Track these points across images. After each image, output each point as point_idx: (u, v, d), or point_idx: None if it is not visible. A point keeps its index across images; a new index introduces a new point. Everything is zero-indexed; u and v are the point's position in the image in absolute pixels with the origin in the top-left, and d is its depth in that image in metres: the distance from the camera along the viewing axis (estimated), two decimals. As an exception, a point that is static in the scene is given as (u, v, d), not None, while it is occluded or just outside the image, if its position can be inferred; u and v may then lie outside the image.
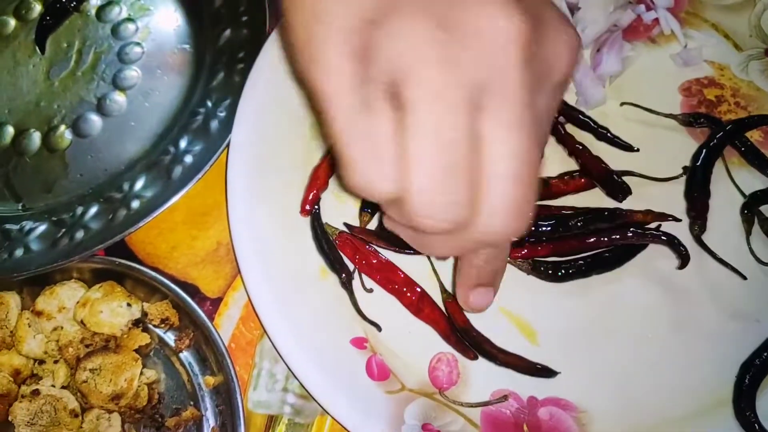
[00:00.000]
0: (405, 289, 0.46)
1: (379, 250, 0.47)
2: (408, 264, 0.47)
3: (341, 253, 0.47)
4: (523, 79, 0.29)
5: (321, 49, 0.32)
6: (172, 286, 0.47)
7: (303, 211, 0.48)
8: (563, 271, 0.46)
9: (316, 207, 0.48)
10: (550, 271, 0.46)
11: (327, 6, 0.32)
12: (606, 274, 0.46)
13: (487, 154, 0.29)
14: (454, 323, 0.45)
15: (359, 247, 0.47)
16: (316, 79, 0.32)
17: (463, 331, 0.44)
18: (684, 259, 0.45)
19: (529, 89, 0.30)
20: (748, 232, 0.46)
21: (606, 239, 0.45)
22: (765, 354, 0.43)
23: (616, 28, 0.50)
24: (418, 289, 0.46)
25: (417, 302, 0.46)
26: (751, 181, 0.48)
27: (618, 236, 0.45)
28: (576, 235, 0.46)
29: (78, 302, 0.47)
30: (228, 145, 0.50)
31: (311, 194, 0.48)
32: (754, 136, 0.49)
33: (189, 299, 0.46)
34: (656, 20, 0.51)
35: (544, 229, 0.46)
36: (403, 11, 0.29)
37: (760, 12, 0.51)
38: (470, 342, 0.44)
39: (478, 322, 0.45)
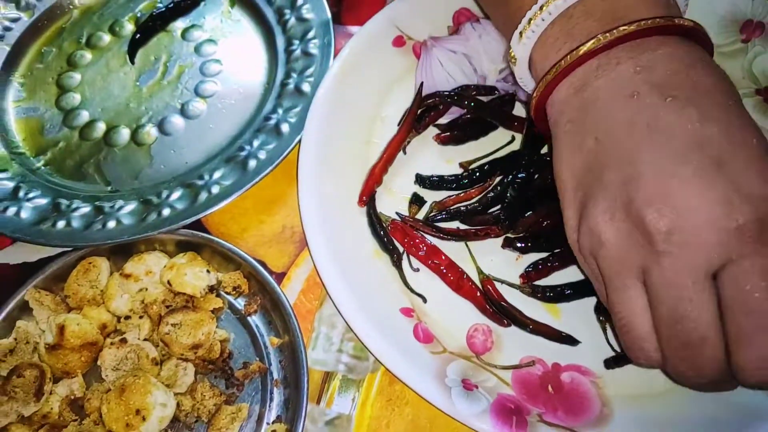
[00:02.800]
0: (447, 270, 0.53)
1: (426, 236, 0.55)
2: (450, 248, 0.54)
3: (392, 237, 0.55)
4: (754, 257, 0.34)
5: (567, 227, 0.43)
6: (246, 256, 0.54)
7: (360, 202, 0.56)
8: (557, 294, 0.52)
9: (372, 198, 0.56)
10: (549, 294, 0.52)
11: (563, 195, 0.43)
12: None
13: (730, 317, 0.35)
14: (489, 298, 0.52)
15: (408, 233, 0.55)
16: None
17: (498, 304, 0.52)
18: None
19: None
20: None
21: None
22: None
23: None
24: (459, 270, 0.53)
25: (457, 281, 0.53)
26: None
27: None
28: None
29: (165, 266, 0.54)
30: (297, 144, 0.58)
31: (367, 188, 0.57)
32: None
33: (261, 268, 0.54)
34: (663, 62, 0.61)
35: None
36: (601, 201, 0.39)
37: (751, 59, 0.61)
38: (504, 313, 0.51)
39: (510, 299, 0.52)
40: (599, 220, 0.39)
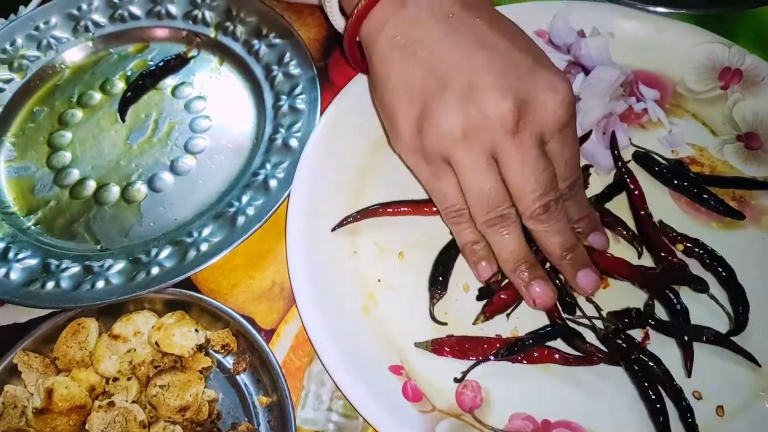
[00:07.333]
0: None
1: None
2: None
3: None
4: (515, 145, 0.47)
5: (398, 136, 0.52)
6: (234, 314, 0.54)
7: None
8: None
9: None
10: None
11: (396, 108, 0.51)
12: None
13: (511, 182, 0.48)
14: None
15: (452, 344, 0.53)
16: (402, 156, 0.54)
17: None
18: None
19: (527, 144, 0.47)
20: None
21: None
22: None
23: (612, 115, 0.60)
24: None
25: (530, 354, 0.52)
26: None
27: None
28: None
29: (153, 326, 0.54)
30: (285, 199, 0.59)
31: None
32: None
33: (250, 326, 0.54)
34: (645, 110, 0.62)
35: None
36: (442, 109, 0.48)
37: (731, 105, 0.62)
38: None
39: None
40: (451, 116, 0.47)
